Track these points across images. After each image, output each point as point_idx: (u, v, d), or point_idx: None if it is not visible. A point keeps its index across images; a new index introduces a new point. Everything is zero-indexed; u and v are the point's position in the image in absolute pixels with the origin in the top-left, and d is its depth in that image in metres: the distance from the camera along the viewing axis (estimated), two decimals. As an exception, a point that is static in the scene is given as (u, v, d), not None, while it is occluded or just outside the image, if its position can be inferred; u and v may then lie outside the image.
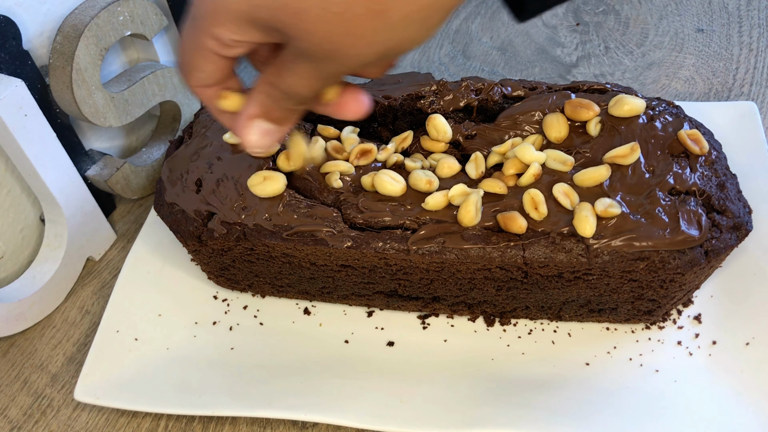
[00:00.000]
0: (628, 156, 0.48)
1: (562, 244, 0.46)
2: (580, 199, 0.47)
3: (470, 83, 0.56)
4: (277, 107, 0.37)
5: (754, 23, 0.79)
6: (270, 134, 0.39)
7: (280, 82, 0.36)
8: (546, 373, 0.51)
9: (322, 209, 0.49)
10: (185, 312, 0.58)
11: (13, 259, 0.61)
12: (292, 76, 0.35)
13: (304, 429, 0.52)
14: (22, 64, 0.54)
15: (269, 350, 0.55)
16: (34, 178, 0.56)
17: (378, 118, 0.58)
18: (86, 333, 0.59)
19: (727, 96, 0.72)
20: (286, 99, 0.37)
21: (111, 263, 0.65)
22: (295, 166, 0.51)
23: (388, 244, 0.47)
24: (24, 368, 0.57)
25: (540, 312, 0.53)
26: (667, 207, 0.46)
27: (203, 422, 0.52)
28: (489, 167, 0.52)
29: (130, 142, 0.71)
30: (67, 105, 0.57)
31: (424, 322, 0.56)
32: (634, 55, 0.78)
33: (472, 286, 0.50)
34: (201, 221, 0.51)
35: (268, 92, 0.37)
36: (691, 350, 0.51)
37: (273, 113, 0.38)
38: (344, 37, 0.32)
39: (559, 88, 0.56)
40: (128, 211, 0.69)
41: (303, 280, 0.54)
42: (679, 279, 0.46)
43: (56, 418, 0.54)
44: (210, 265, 0.56)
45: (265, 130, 0.39)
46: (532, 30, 0.83)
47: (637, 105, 0.51)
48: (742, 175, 0.54)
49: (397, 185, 0.49)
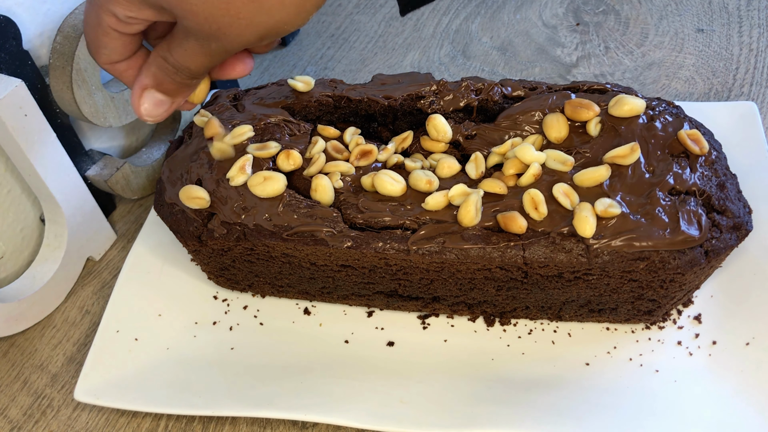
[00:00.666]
0: (628, 156, 0.48)
1: (562, 244, 0.46)
2: (580, 199, 0.47)
3: (470, 83, 0.56)
4: (168, 80, 0.40)
5: (754, 23, 0.79)
6: (161, 104, 0.41)
7: (171, 56, 0.39)
8: (546, 373, 0.51)
9: (322, 209, 0.49)
10: (185, 312, 0.58)
11: (13, 259, 0.61)
12: (182, 52, 0.38)
13: (304, 429, 0.52)
14: (22, 64, 0.54)
15: (269, 350, 0.55)
16: (34, 178, 0.56)
17: (378, 118, 0.58)
18: (86, 333, 0.59)
19: (727, 96, 0.72)
20: (177, 73, 0.39)
21: (111, 263, 0.65)
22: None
23: (388, 244, 0.47)
24: (24, 368, 0.57)
25: (540, 312, 0.53)
26: (667, 207, 0.46)
27: (203, 422, 0.52)
28: (489, 167, 0.52)
29: (130, 142, 0.71)
30: (67, 105, 0.57)
31: (424, 322, 0.56)
32: (634, 55, 0.78)
33: (472, 286, 0.50)
34: (201, 221, 0.51)
35: (160, 65, 0.40)
36: (691, 350, 0.51)
37: (164, 85, 0.40)
38: (225, 18, 0.35)
39: (559, 88, 0.56)
40: (128, 211, 0.69)
41: (303, 280, 0.54)
42: (679, 279, 0.46)
43: (56, 418, 0.54)
44: (210, 265, 0.56)
45: (158, 100, 0.41)
46: (532, 30, 0.83)
47: (637, 105, 0.51)
48: (742, 175, 0.54)
49: (397, 185, 0.49)
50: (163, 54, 0.39)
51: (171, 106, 0.42)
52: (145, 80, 0.41)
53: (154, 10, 0.37)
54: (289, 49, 0.86)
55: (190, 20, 0.36)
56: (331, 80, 0.59)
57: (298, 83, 0.58)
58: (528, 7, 0.87)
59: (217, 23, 0.35)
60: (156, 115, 0.42)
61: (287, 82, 0.59)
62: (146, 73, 0.40)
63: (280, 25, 0.36)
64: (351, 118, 0.59)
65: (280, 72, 0.83)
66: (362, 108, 0.57)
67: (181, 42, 0.38)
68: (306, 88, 0.58)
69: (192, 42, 0.37)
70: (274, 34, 0.37)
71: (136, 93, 0.41)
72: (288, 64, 0.84)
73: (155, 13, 0.37)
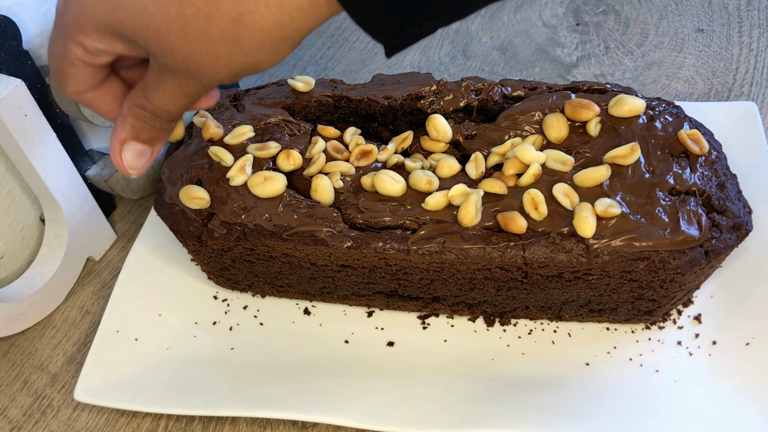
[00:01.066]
0: (628, 156, 0.48)
1: (562, 244, 0.46)
2: (580, 199, 0.47)
3: (470, 83, 0.56)
4: (147, 127, 0.39)
5: (754, 23, 0.79)
6: (143, 155, 0.41)
7: (148, 102, 0.38)
8: (546, 373, 0.51)
9: (322, 209, 0.49)
10: (185, 312, 0.58)
11: (13, 259, 0.61)
12: (161, 95, 0.37)
13: (304, 429, 0.52)
14: (22, 64, 0.54)
15: (269, 350, 0.55)
16: (34, 178, 0.56)
17: (378, 118, 0.58)
18: (86, 333, 0.59)
19: (727, 96, 0.72)
20: (155, 118, 0.39)
21: (111, 263, 0.65)
22: None
23: (388, 244, 0.47)
24: (24, 368, 0.57)
25: (540, 312, 0.53)
26: (667, 207, 0.46)
27: (203, 422, 0.52)
28: (489, 167, 0.52)
29: (130, 142, 0.71)
30: (67, 105, 0.57)
31: (424, 322, 0.56)
32: (634, 55, 0.78)
33: (472, 286, 0.50)
34: (201, 221, 0.51)
35: (137, 114, 0.39)
36: (691, 350, 0.51)
37: (144, 134, 0.40)
38: (204, 58, 0.34)
39: (559, 88, 0.56)
40: (128, 211, 0.69)
41: (303, 280, 0.54)
42: (679, 279, 0.46)
43: (56, 418, 0.54)
44: (210, 265, 0.56)
45: (138, 151, 0.40)
46: (532, 30, 0.83)
47: (637, 105, 0.51)
48: (742, 175, 0.54)
49: (397, 185, 0.49)
50: (139, 102, 0.38)
51: (152, 154, 0.41)
52: (123, 134, 0.40)
53: (126, 44, 0.36)
54: (289, 49, 0.86)
55: (167, 58, 0.35)
56: (331, 80, 0.59)
57: (298, 83, 0.58)
58: (528, 7, 0.87)
59: (195, 62, 0.35)
60: (139, 167, 0.41)
61: (287, 82, 0.59)
62: (122, 126, 0.39)
63: (257, 65, 0.36)
64: (351, 118, 0.59)
65: (280, 72, 0.83)
66: (362, 108, 0.57)
67: (158, 84, 0.37)
68: (306, 88, 0.58)
69: (170, 82, 0.36)
70: (249, 72, 0.36)
71: (116, 149, 0.40)
72: (288, 64, 0.84)
73: (126, 47, 0.36)
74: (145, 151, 0.41)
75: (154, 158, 0.42)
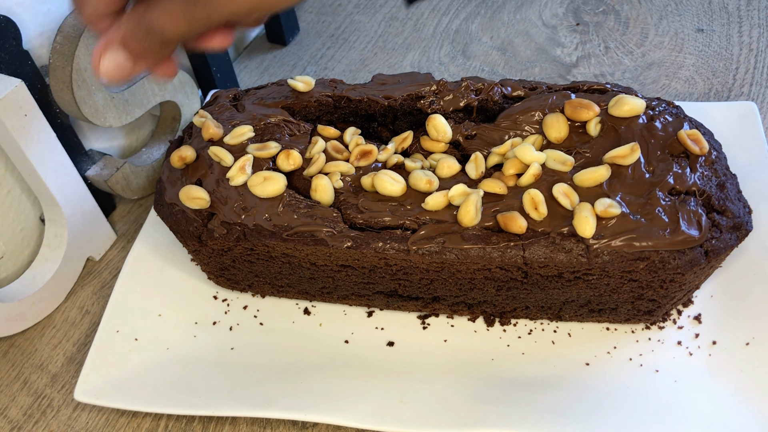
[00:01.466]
0: (628, 156, 0.48)
1: (562, 244, 0.46)
2: (580, 199, 0.47)
3: (470, 83, 0.56)
4: (137, 39, 0.37)
5: (754, 23, 0.79)
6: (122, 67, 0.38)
7: (148, 14, 0.36)
8: (546, 373, 0.51)
9: (322, 209, 0.49)
10: (185, 312, 0.58)
11: (13, 259, 0.61)
12: (161, 12, 0.35)
13: (304, 429, 0.52)
14: (22, 64, 0.54)
15: (269, 350, 0.55)
16: (34, 178, 0.56)
17: (378, 118, 0.58)
18: (86, 333, 0.59)
19: (727, 96, 0.72)
20: (149, 34, 0.36)
21: (111, 263, 0.65)
22: None
23: (388, 244, 0.47)
24: (24, 368, 0.57)
25: (540, 312, 0.53)
26: (667, 207, 0.46)
27: (203, 422, 0.52)
28: (489, 167, 0.52)
29: (130, 142, 0.71)
30: (67, 105, 0.57)
31: (424, 322, 0.56)
32: (634, 55, 0.78)
33: (472, 286, 0.50)
34: (201, 221, 0.51)
35: (135, 21, 0.36)
36: (691, 350, 0.51)
37: (132, 44, 0.37)
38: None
39: (559, 88, 0.56)
40: (128, 211, 0.69)
41: (303, 280, 0.54)
42: (679, 279, 0.46)
43: (56, 418, 0.54)
44: (210, 265, 0.56)
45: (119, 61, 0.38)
46: (532, 30, 0.83)
47: (637, 105, 0.51)
48: (742, 175, 0.54)
49: (397, 185, 0.49)
50: (138, 14, 0.36)
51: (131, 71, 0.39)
52: (114, 35, 0.37)
53: None
54: (289, 49, 0.86)
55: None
56: (331, 80, 0.59)
57: (298, 83, 0.58)
58: (528, 7, 0.87)
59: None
60: (112, 75, 0.38)
61: (287, 82, 0.59)
62: (117, 28, 0.37)
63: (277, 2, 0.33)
64: (351, 118, 0.59)
65: (280, 72, 0.83)
66: (362, 108, 0.57)
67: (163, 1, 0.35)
68: (306, 88, 0.58)
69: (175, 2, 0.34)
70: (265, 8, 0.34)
71: (100, 44, 0.38)
72: (288, 64, 0.84)
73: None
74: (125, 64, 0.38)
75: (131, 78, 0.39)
